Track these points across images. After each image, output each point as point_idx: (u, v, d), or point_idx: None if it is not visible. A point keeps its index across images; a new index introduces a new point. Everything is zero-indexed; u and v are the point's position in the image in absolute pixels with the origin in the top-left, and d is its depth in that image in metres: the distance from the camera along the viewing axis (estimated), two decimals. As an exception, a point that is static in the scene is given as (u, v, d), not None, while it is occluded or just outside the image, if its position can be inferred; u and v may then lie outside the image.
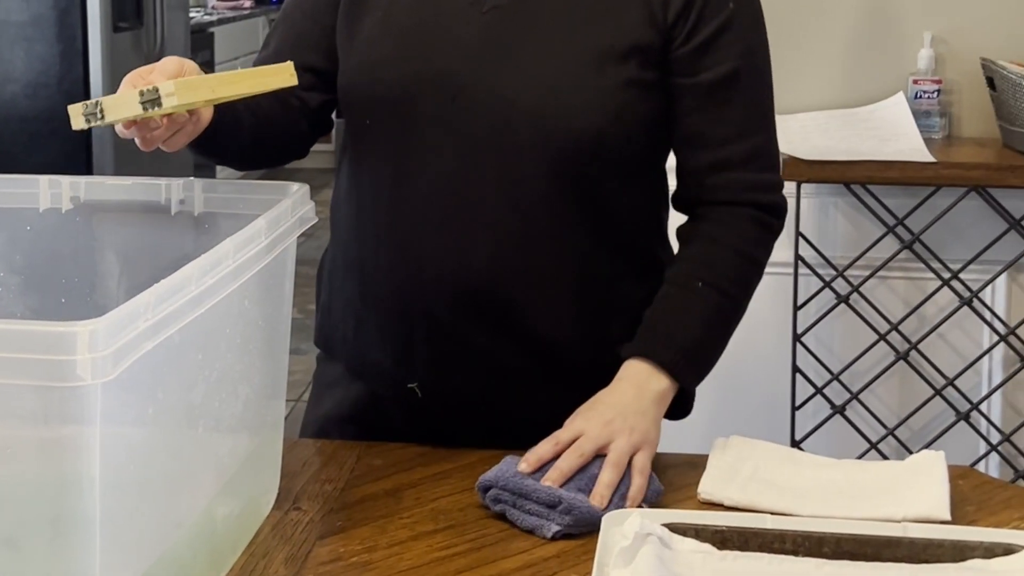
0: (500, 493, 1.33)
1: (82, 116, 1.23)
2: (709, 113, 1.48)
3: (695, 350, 1.47)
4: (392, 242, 1.50)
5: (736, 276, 1.50)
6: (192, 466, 1.15)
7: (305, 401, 1.74)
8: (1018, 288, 2.73)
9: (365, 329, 1.56)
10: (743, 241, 1.50)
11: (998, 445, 2.70)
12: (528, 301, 1.48)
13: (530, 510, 1.31)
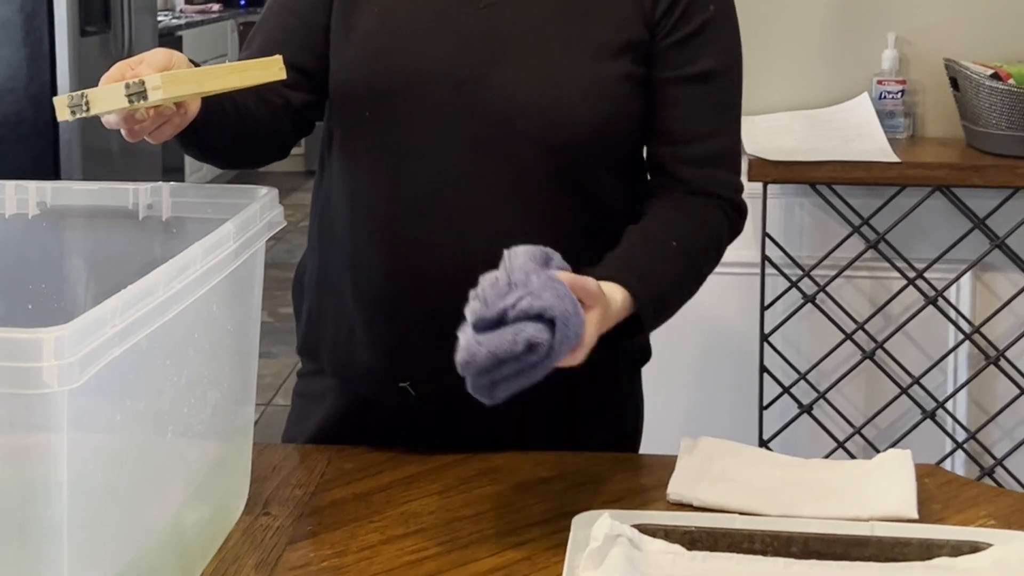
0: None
1: (67, 108, 1.22)
2: (680, 109, 1.49)
3: (663, 300, 1.44)
4: (389, 238, 1.49)
5: (706, 255, 1.50)
6: (161, 472, 1.15)
7: (276, 405, 1.74)
8: (983, 287, 2.75)
9: (357, 330, 1.55)
10: (717, 225, 1.51)
11: (964, 443, 2.72)
12: None
13: None
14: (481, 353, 1.19)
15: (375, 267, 1.51)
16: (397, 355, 1.52)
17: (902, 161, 2.52)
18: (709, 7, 1.49)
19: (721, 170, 1.51)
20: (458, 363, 1.20)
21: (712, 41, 1.50)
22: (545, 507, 1.38)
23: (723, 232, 1.51)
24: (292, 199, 6.87)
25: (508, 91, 1.43)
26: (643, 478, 1.45)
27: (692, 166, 1.50)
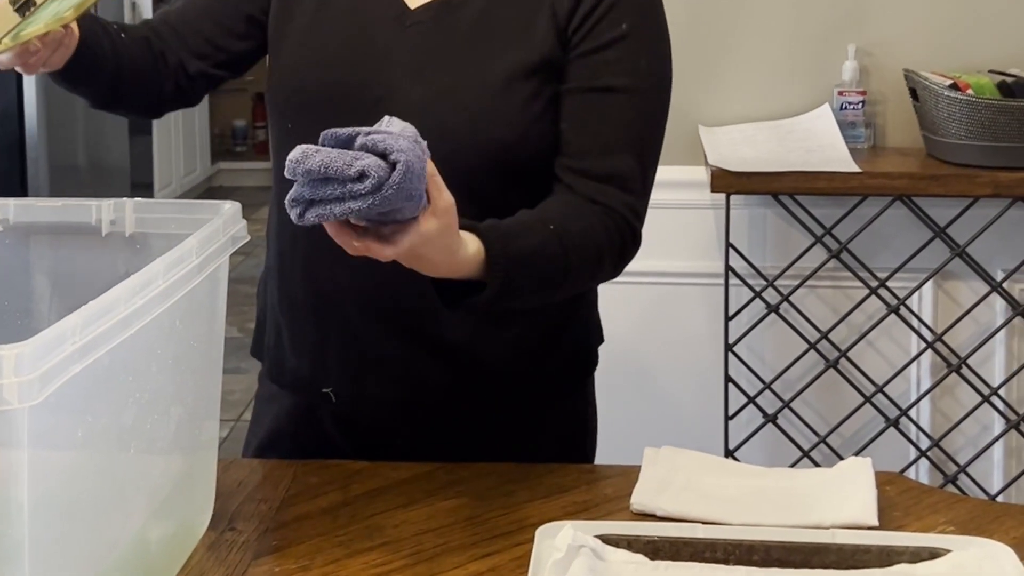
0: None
1: (11, 9, 1.25)
2: (577, 121, 1.48)
3: (518, 265, 1.35)
4: (307, 246, 1.53)
5: (580, 252, 1.42)
6: (124, 489, 1.15)
7: (245, 421, 1.75)
8: (944, 295, 2.77)
9: (284, 334, 1.60)
10: (600, 231, 1.44)
11: (927, 451, 2.74)
12: (436, 310, 1.49)
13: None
14: (315, 159, 1.16)
15: (296, 275, 1.56)
16: (318, 361, 1.56)
17: (863, 171, 2.54)
18: (621, 25, 1.48)
19: (614, 188, 1.46)
20: (288, 160, 1.17)
21: (621, 59, 1.48)
22: (509, 519, 1.39)
23: (603, 242, 1.44)
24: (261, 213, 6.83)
25: (418, 111, 1.43)
26: (606, 488, 1.45)
27: (584, 178, 1.46)
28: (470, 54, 1.48)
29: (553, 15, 1.48)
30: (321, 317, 1.54)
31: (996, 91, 2.54)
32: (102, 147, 5.70)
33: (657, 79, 1.51)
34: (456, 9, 1.50)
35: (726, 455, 2.73)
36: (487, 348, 1.54)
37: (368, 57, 1.50)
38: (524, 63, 1.47)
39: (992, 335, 2.71)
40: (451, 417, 1.57)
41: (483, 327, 1.53)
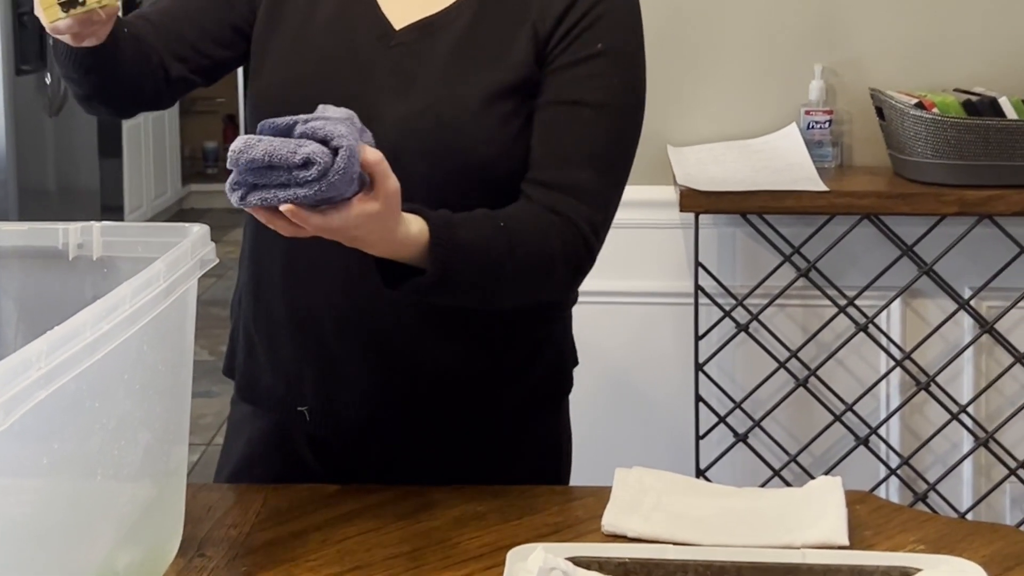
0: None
1: (57, 7, 1.23)
2: (543, 134, 1.48)
3: (460, 252, 1.35)
4: (286, 263, 1.53)
5: (529, 257, 1.42)
6: (91, 516, 1.14)
7: (217, 445, 1.74)
8: (912, 313, 2.79)
9: (258, 352, 1.59)
10: (552, 236, 1.43)
11: (897, 469, 2.75)
12: (411, 330, 1.50)
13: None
14: (258, 148, 1.17)
15: (273, 294, 1.55)
16: (293, 379, 1.56)
17: (831, 190, 2.55)
18: (597, 44, 1.49)
19: (573, 200, 1.45)
20: (231, 151, 1.18)
21: (593, 76, 1.48)
22: (481, 541, 1.38)
23: (556, 250, 1.43)
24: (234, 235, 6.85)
25: (398, 129, 1.45)
26: (578, 510, 1.45)
27: (544, 188, 1.46)
28: (451, 73, 1.48)
29: (535, 34, 1.49)
30: (297, 335, 1.54)
31: (961, 110, 2.55)
32: (72, 169, 5.68)
33: (629, 99, 1.52)
34: (440, 29, 1.50)
35: (697, 475, 2.73)
36: (463, 370, 1.53)
37: (351, 75, 1.50)
38: (505, 82, 1.47)
39: (960, 353, 2.73)
40: (425, 438, 1.57)
41: (467, 357, 1.53)
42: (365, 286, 1.47)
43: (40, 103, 5.32)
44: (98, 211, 6.01)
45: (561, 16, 1.49)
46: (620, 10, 1.52)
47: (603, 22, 1.50)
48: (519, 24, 1.50)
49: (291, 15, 1.55)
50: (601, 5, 1.50)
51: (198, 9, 1.58)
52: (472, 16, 1.51)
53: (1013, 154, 2.50)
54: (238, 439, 1.65)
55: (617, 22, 1.51)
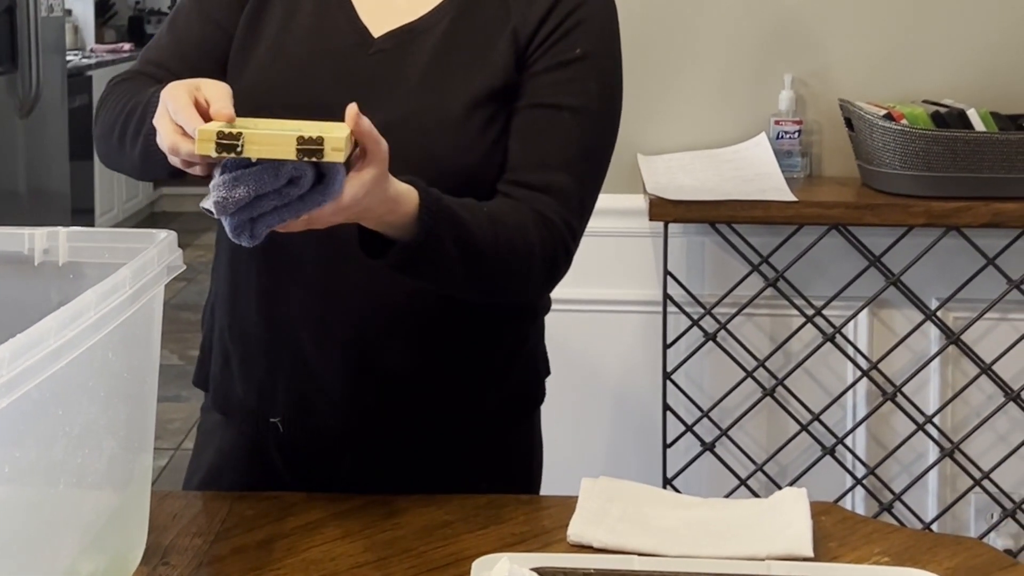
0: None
1: (214, 143, 1.16)
2: (521, 137, 1.49)
3: (449, 223, 1.36)
4: (262, 275, 1.52)
5: (511, 243, 1.42)
6: (53, 524, 1.13)
7: (185, 449, 1.73)
8: (879, 324, 2.80)
9: (232, 362, 1.58)
10: (530, 229, 1.44)
11: (863, 478, 2.76)
12: (388, 339, 1.50)
13: None
14: (240, 190, 1.16)
15: (250, 303, 1.54)
16: (266, 391, 1.55)
17: (799, 200, 2.56)
18: (576, 50, 1.50)
19: (550, 199, 1.46)
20: (214, 204, 1.17)
21: (572, 80, 1.49)
22: (446, 551, 1.38)
23: (535, 242, 1.44)
24: (205, 239, 6.83)
25: (384, 137, 1.44)
26: (544, 520, 1.45)
27: (521, 188, 1.46)
28: (431, 80, 1.48)
29: (515, 40, 1.50)
30: (272, 345, 1.54)
31: (930, 121, 2.57)
32: (42, 172, 5.64)
33: (605, 105, 1.53)
34: (419, 36, 1.50)
35: (664, 483, 2.74)
36: (438, 378, 1.53)
37: (329, 83, 1.49)
38: (485, 88, 1.48)
39: (927, 363, 2.74)
40: (398, 448, 1.56)
41: (445, 370, 1.53)
42: (343, 295, 1.47)
43: (11, 104, 5.29)
44: (69, 214, 5.98)
45: (541, 21, 1.50)
46: (599, 16, 1.53)
47: (582, 27, 1.51)
48: (499, 29, 1.50)
49: (269, 24, 1.54)
50: (580, 11, 1.51)
51: (205, 38, 1.56)
52: (451, 22, 1.51)
53: (980, 166, 2.51)
54: (208, 447, 1.65)
55: (596, 28, 1.52)
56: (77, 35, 8.11)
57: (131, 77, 1.55)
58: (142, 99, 1.45)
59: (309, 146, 1.15)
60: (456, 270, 1.39)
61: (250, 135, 1.16)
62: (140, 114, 1.44)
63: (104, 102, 1.55)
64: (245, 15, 1.55)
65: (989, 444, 2.78)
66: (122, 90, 1.53)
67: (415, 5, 1.53)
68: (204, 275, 6.46)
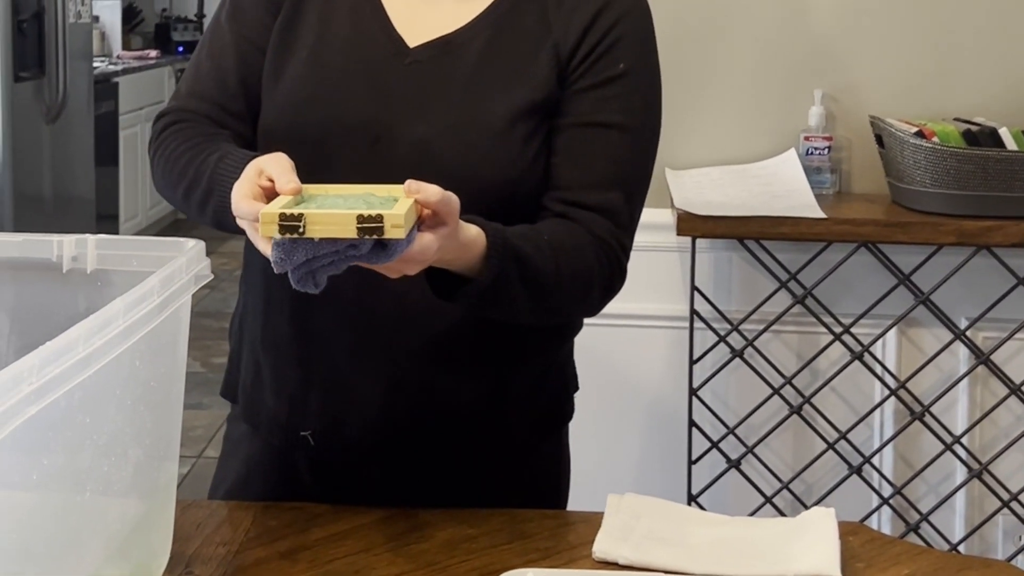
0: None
1: (277, 224, 1.17)
2: (571, 155, 1.49)
3: (515, 259, 1.37)
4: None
5: (572, 269, 1.44)
6: (79, 532, 1.13)
7: (207, 457, 1.73)
8: (908, 342, 2.78)
9: (263, 375, 1.57)
10: (589, 252, 1.46)
11: (890, 498, 2.74)
12: (423, 352, 1.49)
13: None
14: (298, 255, 1.19)
15: (284, 314, 1.53)
16: (298, 403, 1.54)
17: (828, 217, 2.54)
18: (619, 65, 1.50)
19: (604, 219, 1.47)
20: (273, 265, 1.20)
21: (617, 97, 1.50)
22: (471, 565, 1.37)
23: (593, 266, 1.45)
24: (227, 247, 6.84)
25: (420, 149, 1.44)
26: (569, 535, 1.44)
27: (576, 208, 1.47)
28: (473, 92, 1.48)
29: (556, 54, 1.49)
30: (305, 358, 1.53)
31: (961, 139, 2.55)
32: (68, 178, 5.67)
33: (650, 119, 1.54)
34: (457, 47, 1.50)
35: (689, 500, 2.72)
36: (473, 394, 1.53)
37: (367, 94, 1.49)
38: (527, 101, 1.48)
39: (955, 383, 2.72)
40: (429, 462, 1.56)
41: (481, 382, 1.52)
42: (379, 309, 1.46)
43: (38, 110, 5.32)
44: (93, 220, 6.01)
45: (581, 36, 1.50)
46: (639, 29, 1.54)
47: (624, 42, 1.51)
48: (539, 43, 1.50)
49: (304, 36, 1.53)
50: (621, 25, 1.51)
51: (242, 59, 1.55)
52: (490, 35, 1.50)
53: (1012, 185, 2.50)
54: (235, 457, 1.64)
55: (637, 42, 1.53)
56: (104, 42, 8.15)
57: (183, 119, 1.53)
58: (204, 167, 1.44)
59: (369, 224, 1.17)
60: (521, 304, 1.41)
61: (311, 216, 1.17)
62: (206, 187, 1.43)
63: (160, 147, 1.53)
64: (277, 27, 1.55)
65: (1017, 465, 2.76)
66: (179, 139, 1.51)
67: (451, 17, 1.52)
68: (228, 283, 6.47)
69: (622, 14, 1.52)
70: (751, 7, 2.80)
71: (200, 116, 1.53)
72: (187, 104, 1.55)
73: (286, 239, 1.19)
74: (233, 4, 1.58)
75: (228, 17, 1.58)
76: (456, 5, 1.52)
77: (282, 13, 1.55)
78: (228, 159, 1.41)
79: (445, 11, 1.52)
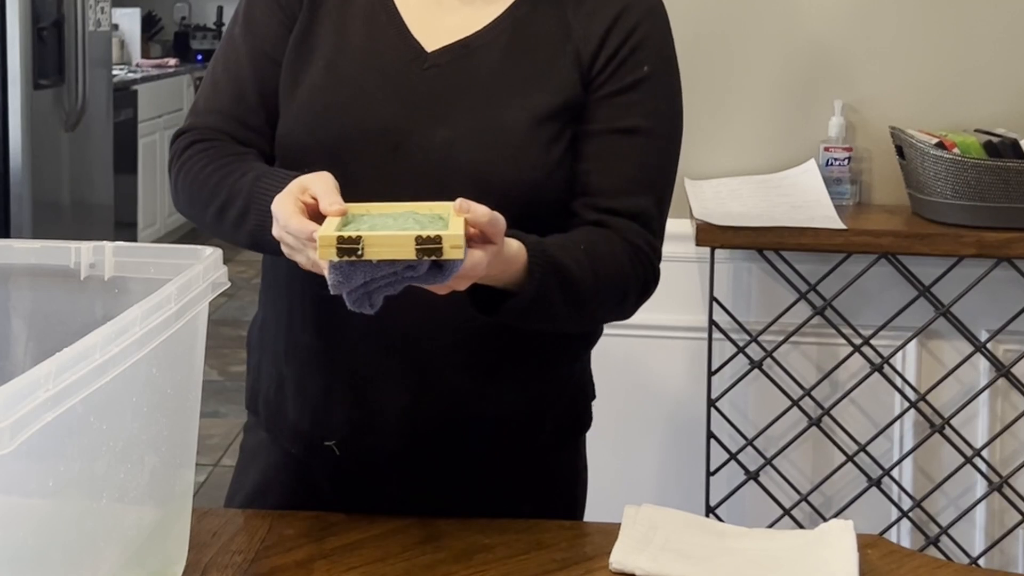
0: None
1: (335, 248, 1.18)
2: (602, 161, 1.49)
3: (555, 270, 1.38)
4: (319, 297, 1.47)
5: (610, 276, 1.45)
6: (95, 539, 1.13)
7: (224, 465, 1.72)
8: (928, 355, 2.77)
9: (286, 386, 1.57)
10: (623, 258, 1.47)
11: (909, 511, 2.73)
12: (451, 359, 1.48)
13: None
14: (356, 278, 1.20)
15: (307, 324, 1.53)
16: (321, 413, 1.53)
17: (848, 228, 2.53)
18: (643, 68, 1.50)
19: (638, 226, 1.49)
20: (331, 287, 1.21)
21: (643, 101, 1.50)
22: (486, 575, 1.37)
23: (629, 273, 1.47)
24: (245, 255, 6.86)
25: (444, 153, 1.44)
26: (586, 546, 1.44)
27: (610, 216, 1.48)
28: (494, 96, 1.47)
29: (577, 58, 1.49)
30: (329, 368, 1.52)
31: (982, 151, 2.54)
32: (86, 185, 5.69)
33: (674, 122, 1.55)
34: (475, 52, 1.50)
35: (707, 512, 2.71)
36: (495, 398, 1.52)
37: (387, 101, 1.48)
38: (550, 105, 1.47)
39: (976, 396, 2.71)
40: (445, 469, 1.55)
41: (505, 389, 1.52)
42: (404, 317, 1.45)
43: (57, 117, 5.33)
44: (111, 227, 6.02)
45: (603, 40, 1.50)
46: (660, 30, 1.54)
47: (647, 44, 1.51)
48: (560, 46, 1.50)
49: (320, 46, 1.53)
50: (642, 27, 1.52)
51: (264, 75, 1.54)
52: (509, 38, 1.50)
53: (1033, 197, 2.48)
54: (253, 466, 1.64)
55: (658, 45, 1.53)
56: (123, 50, 8.18)
57: (204, 137, 1.53)
58: (239, 186, 1.43)
59: (428, 245, 1.18)
60: (560, 314, 1.42)
61: (369, 238, 1.18)
62: (242, 206, 1.42)
63: (184, 166, 1.52)
64: (293, 38, 1.54)
65: (1038, 479, 2.74)
66: (205, 159, 1.50)
67: (468, 21, 1.52)
68: (245, 291, 6.48)
69: (642, 16, 1.52)
70: (770, 18, 2.79)
71: (220, 133, 1.53)
72: (206, 121, 1.55)
73: (343, 261, 1.19)
74: (247, 18, 1.57)
75: (242, 31, 1.57)
76: (472, 9, 1.52)
77: (297, 24, 1.54)
78: (266, 178, 1.40)
79: (461, 15, 1.52)
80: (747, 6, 2.80)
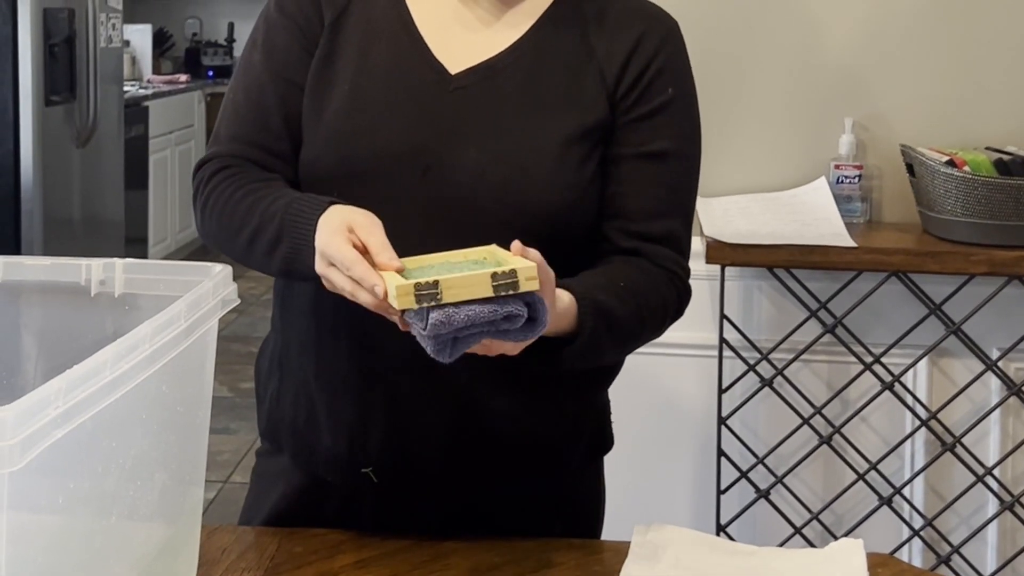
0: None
1: (413, 296, 1.19)
2: (634, 186, 1.50)
3: (603, 315, 1.41)
4: (353, 319, 1.46)
5: (651, 309, 1.48)
6: (104, 556, 1.13)
7: (234, 482, 1.72)
8: (939, 373, 2.76)
9: (317, 413, 1.54)
10: (664, 287, 1.50)
11: (921, 530, 2.72)
12: (487, 379, 1.47)
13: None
14: (459, 317, 1.20)
15: (338, 350, 1.51)
16: (358, 439, 1.51)
17: (859, 246, 2.53)
18: (668, 90, 1.51)
19: (670, 250, 1.51)
20: (431, 325, 1.21)
21: (670, 124, 1.52)
22: (496, 594, 1.36)
23: (670, 298, 1.50)
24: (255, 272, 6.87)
25: (473, 175, 1.44)
26: (595, 565, 1.43)
27: (643, 241, 1.50)
28: (523, 117, 1.48)
29: (602, 80, 1.50)
30: (365, 391, 1.50)
31: (993, 168, 2.54)
32: (97, 201, 5.70)
33: (696, 141, 1.57)
34: (500, 73, 1.50)
35: (717, 530, 2.70)
36: (530, 421, 1.52)
37: (414, 123, 1.48)
38: (579, 126, 1.48)
39: (987, 414, 2.70)
40: (482, 491, 1.54)
41: (540, 410, 1.52)
42: None
43: (68, 133, 5.35)
44: (122, 243, 6.03)
45: (626, 62, 1.51)
46: (680, 53, 1.56)
47: (669, 67, 1.53)
48: (583, 66, 1.50)
49: (343, 70, 1.51)
50: (665, 50, 1.53)
51: (285, 98, 1.53)
52: (533, 59, 1.50)
53: (1044, 215, 2.48)
54: (271, 492, 1.61)
55: (680, 65, 1.55)
56: (135, 66, 8.21)
57: (229, 164, 1.52)
58: (271, 212, 1.42)
59: (504, 280, 1.20)
60: (608, 353, 1.47)
61: (446, 281, 1.19)
62: (274, 233, 1.41)
63: (211, 195, 1.50)
64: (315, 62, 1.53)
65: (1050, 498, 2.73)
66: (234, 186, 1.49)
67: (490, 42, 1.52)
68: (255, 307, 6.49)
69: (664, 38, 1.53)
70: (781, 35, 2.79)
71: (245, 160, 1.52)
72: (230, 149, 1.53)
73: (423, 308, 1.20)
74: (266, 43, 1.56)
75: (262, 56, 1.55)
76: (494, 30, 1.52)
77: (319, 48, 1.53)
78: (299, 203, 1.39)
79: (483, 36, 1.52)
80: (758, 25, 2.80)
